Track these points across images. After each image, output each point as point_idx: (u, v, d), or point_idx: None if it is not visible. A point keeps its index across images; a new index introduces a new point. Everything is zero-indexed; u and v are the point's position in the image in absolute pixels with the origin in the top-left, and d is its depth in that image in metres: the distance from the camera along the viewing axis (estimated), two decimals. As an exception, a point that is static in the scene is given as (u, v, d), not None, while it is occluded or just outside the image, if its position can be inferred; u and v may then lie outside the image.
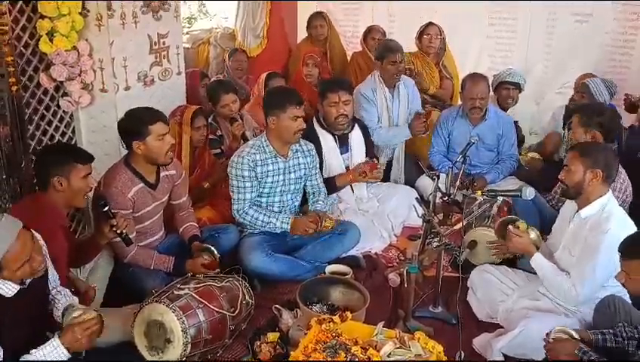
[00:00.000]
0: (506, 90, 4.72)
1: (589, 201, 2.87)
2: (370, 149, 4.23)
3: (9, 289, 2.14)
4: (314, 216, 3.64)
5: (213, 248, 3.26)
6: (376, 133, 4.42)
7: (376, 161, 4.03)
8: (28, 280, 2.22)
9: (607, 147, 3.04)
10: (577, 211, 2.93)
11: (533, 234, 3.13)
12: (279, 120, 3.49)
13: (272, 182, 3.59)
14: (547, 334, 2.52)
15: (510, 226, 3.06)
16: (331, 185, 3.95)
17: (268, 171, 3.56)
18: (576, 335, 2.47)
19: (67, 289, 2.55)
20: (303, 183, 3.78)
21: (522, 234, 3.03)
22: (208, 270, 3.11)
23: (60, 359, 2.20)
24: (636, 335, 2.41)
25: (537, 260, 2.95)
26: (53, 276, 2.46)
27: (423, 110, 4.68)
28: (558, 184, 3.11)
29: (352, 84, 4.28)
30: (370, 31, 5.60)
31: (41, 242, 2.32)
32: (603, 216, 2.80)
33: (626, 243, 2.37)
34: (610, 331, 2.46)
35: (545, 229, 3.58)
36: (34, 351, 2.17)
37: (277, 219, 3.59)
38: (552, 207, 3.89)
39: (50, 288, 2.45)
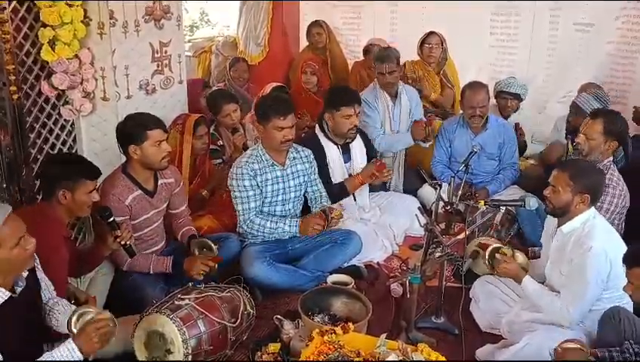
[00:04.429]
0: (504, 99, 4.74)
1: (571, 218, 2.86)
2: (371, 156, 4.21)
3: None
4: (320, 213, 3.62)
5: (209, 242, 3.29)
6: (379, 139, 4.42)
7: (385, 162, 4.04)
8: (19, 289, 2.19)
9: (597, 170, 2.99)
10: (559, 227, 2.92)
11: (521, 258, 3.10)
12: (265, 130, 3.50)
13: (272, 191, 3.58)
14: (555, 349, 2.49)
15: (497, 254, 3.04)
16: (343, 190, 3.93)
17: (267, 180, 3.55)
18: (572, 345, 2.45)
19: (65, 300, 2.52)
20: (303, 190, 3.76)
21: (509, 259, 3.00)
22: (209, 266, 3.13)
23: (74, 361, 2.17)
24: None
25: (526, 284, 2.92)
26: (47, 287, 2.44)
27: (425, 119, 4.68)
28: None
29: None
30: (368, 51, 5.58)
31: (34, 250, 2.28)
32: (584, 233, 2.79)
33: (627, 253, 2.39)
34: (617, 348, 2.45)
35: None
36: (47, 353, 2.15)
37: (284, 224, 3.58)
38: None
39: (45, 299, 2.43)
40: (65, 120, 3.53)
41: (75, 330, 2.27)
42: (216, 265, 3.21)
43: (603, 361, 2.42)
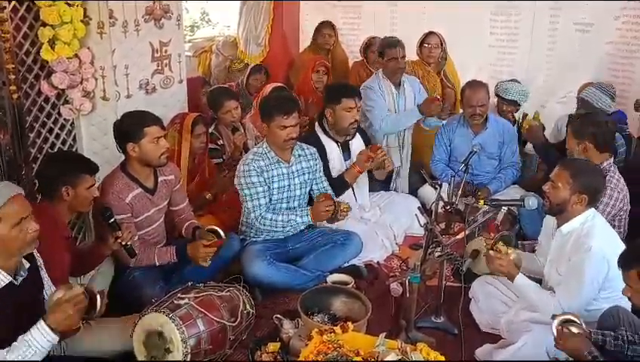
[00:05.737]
0: (501, 103, 4.73)
1: (569, 218, 2.86)
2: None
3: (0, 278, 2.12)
4: (324, 194, 3.59)
5: (217, 228, 3.30)
6: (385, 121, 4.39)
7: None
8: (20, 278, 2.19)
9: (599, 172, 2.98)
10: (558, 227, 2.92)
11: (514, 254, 3.08)
12: (269, 129, 3.51)
13: (278, 188, 3.58)
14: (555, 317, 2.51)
15: (490, 251, 3.01)
16: (343, 183, 3.89)
17: (273, 177, 3.55)
18: (576, 329, 2.47)
19: None
20: (308, 188, 3.76)
21: (502, 256, 2.97)
22: (210, 250, 3.14)
23: (50, 342, 2.10)
24: (637, 341, 2.41)
25: (519, 281, 2.91)
26: (49, 287, 2.42)
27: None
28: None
29: None
30: (370, 44, 5.58)
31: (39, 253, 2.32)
32: (584, 232, 2.79)
33: (622, 256, 2.38)
34: (612, 333, 2.46)
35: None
36: (20, 337, 2.09)
37: (296, 215, 3.56)
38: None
39: (47, 296, 2.41)
40: (65, 119, 3.53)
41: None
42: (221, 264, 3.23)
43: (595, 343, 2.43)
